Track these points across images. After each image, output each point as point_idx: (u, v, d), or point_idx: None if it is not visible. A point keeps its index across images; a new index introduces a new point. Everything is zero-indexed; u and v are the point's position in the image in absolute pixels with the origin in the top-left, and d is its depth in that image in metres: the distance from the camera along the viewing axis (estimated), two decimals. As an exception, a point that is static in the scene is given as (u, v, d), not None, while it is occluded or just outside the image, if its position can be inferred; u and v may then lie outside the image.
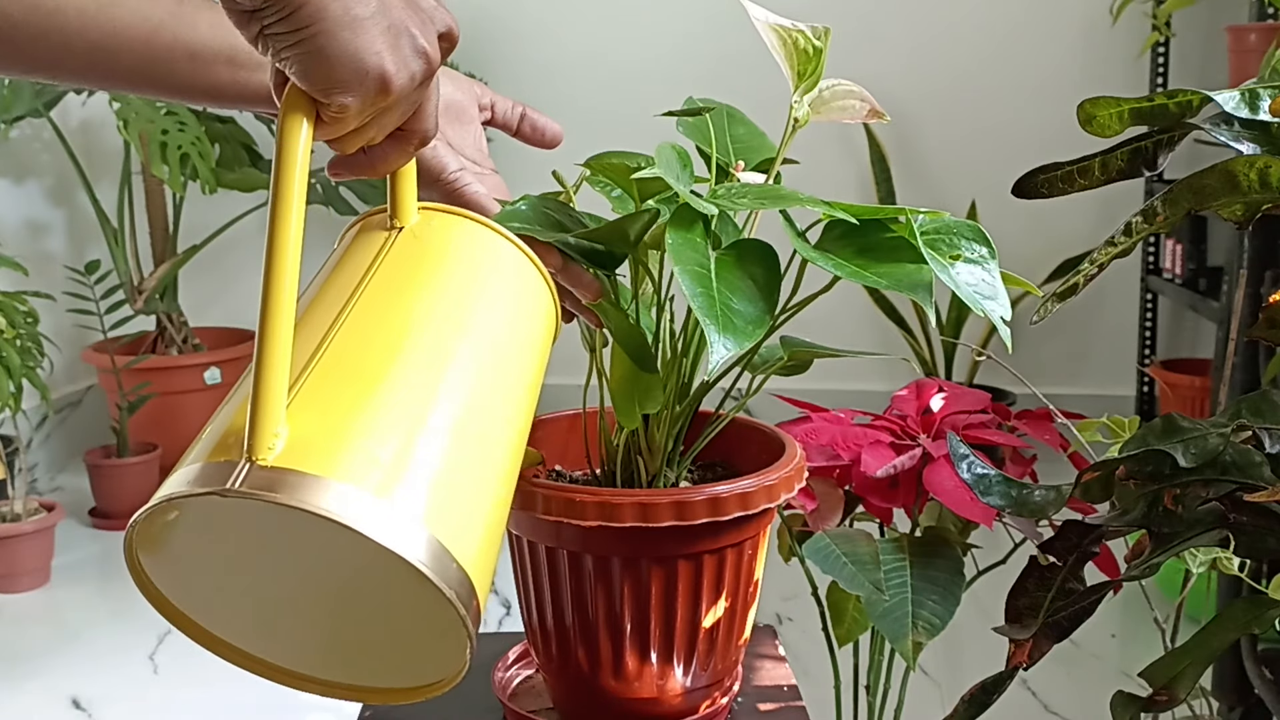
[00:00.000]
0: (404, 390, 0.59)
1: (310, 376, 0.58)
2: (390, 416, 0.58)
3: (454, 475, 0.59)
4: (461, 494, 0.59)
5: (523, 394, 0.67)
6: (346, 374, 0.59)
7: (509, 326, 0.68)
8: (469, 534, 0.58)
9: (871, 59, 3.00)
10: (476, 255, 0.69)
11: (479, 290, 0.68)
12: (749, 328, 0.67)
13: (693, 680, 0.81)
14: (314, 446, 0.55)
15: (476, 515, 0.60)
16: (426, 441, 0.58)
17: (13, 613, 2.40)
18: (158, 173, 2.64)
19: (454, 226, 0.70)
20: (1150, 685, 0.78)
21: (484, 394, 0.63)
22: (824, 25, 0.76)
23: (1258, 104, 0.73)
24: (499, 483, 0.63)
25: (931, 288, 0.69)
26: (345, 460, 0.55)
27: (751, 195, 0.74)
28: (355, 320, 0.62)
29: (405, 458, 0.57)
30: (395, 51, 0.58)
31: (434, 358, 0.62)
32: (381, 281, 0.65)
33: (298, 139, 0.59)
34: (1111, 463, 0.75)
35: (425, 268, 0.67)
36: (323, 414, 0.56)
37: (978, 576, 1.10)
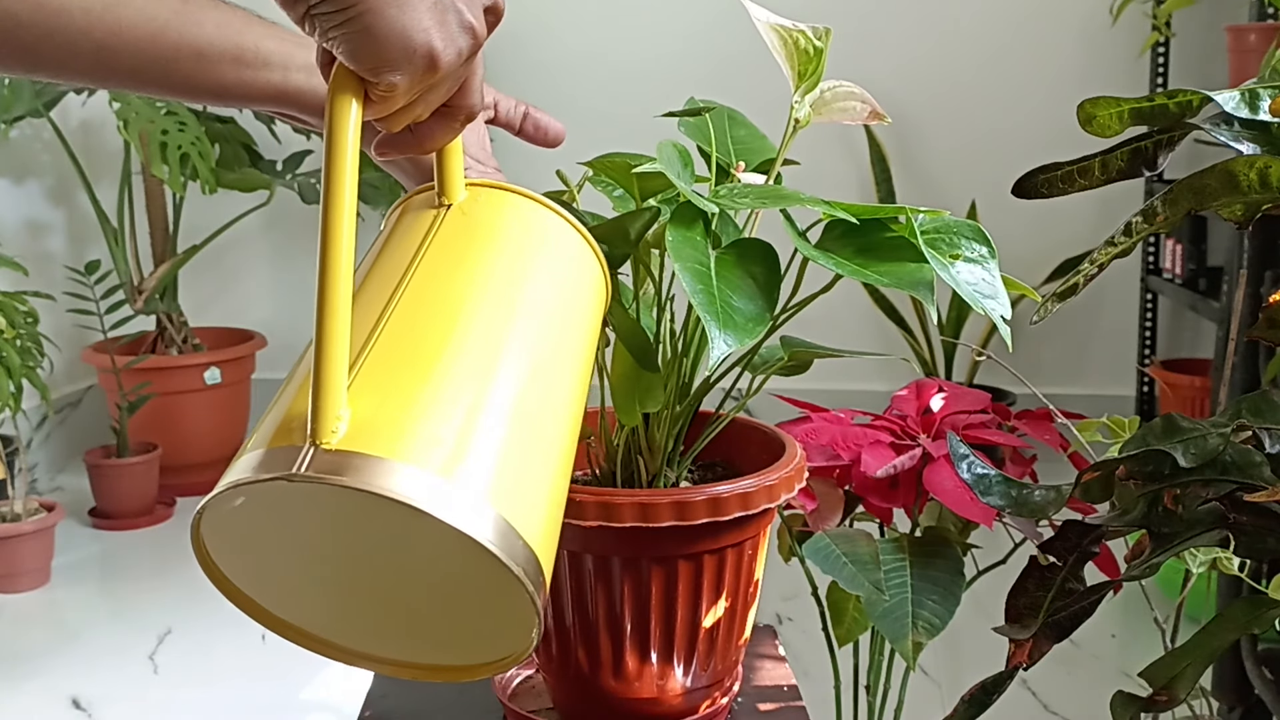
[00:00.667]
0: (462, 368, 0.59)
1: (368, 358, 0.58)
2: (450, 395, 0.58)
3: (516, 452, 0.58)
4: (525, 471, 0.59)
5: (578, 367, 0.67)
6: (404, 354, 0.59)
7: (562, 300, 0.68)
8: (534, 511, 0.58)
9: (872, 59, 3.00)
10: (527, 230, 0.69)
11: (531, 265, 0.67)
12: (749, 325, 0.67)
13: (693, 680, 0.81)
14: (377, 428, 0.55)
15: (540, 492, 0.59)
16: (488, 419, 0.58)
17: (13, 613, 2.40)
18: (158, 173, 2.64)
19: (503, 202, 0.69)
20: (1150, 685, 0.78)
21: (541, 369, 0.63)
22: (825, 26, 0.76)
23: (1258, 104, 0.73)
24: (560, 459, 0.63)
25: (933, 286, 0.69)
26: (409, 441, 0.55)
27: (753, 195, 0.74)
28: (409, 300, 0.62)
29: (468, 436, 0.57)
30: (442, 27, 0.58)
31: (490, 335, 0.62)
32: (433, 260, 0.65)
33: (348, 119, 0.58)
34: (1111, 463, 0.75)
35: (476, 245, 0.67)
36: (383, 395, 0.56)
37: (978, 576, 1.10)
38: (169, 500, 2.86)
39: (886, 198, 3.05)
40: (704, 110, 0.83)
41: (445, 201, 0.69)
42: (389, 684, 0.94)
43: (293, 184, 2.97)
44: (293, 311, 3.35)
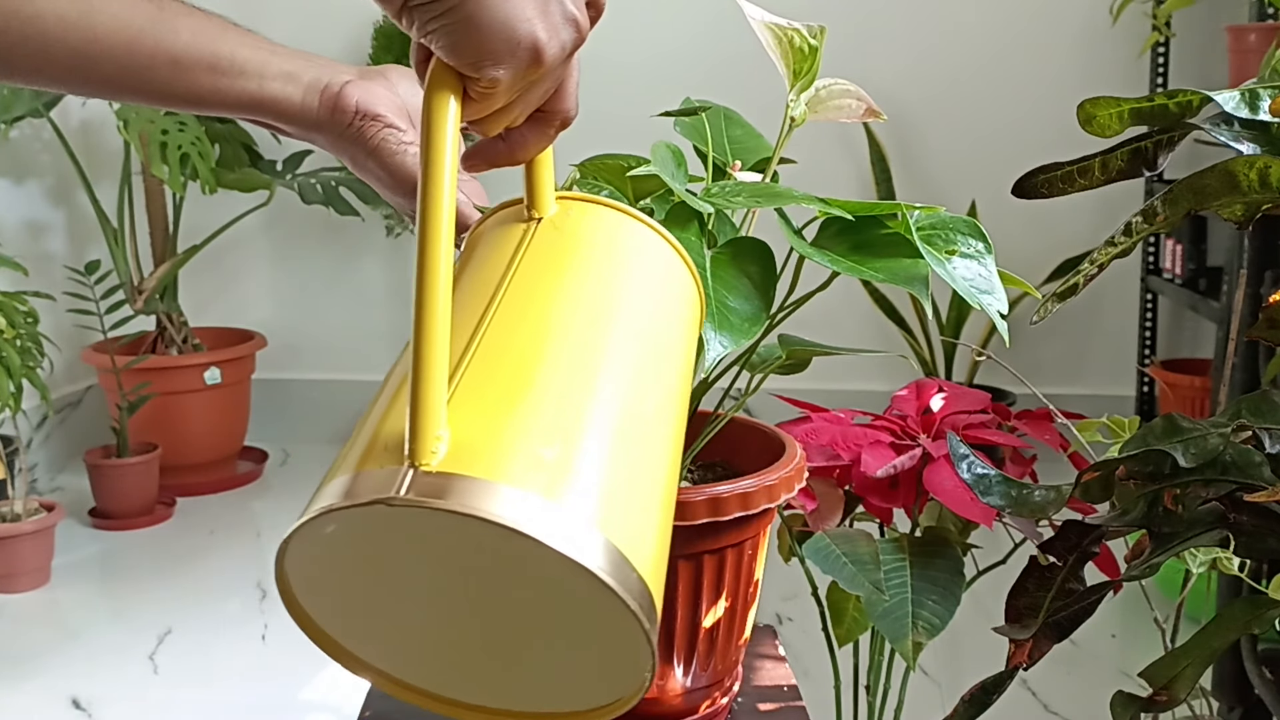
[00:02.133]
0: (562, 386, 0.56)
1: (464, 376, 0.55)
2: (551, 415, 0.54)
3: (622, 476, 0.55)
4: (632, 495, 0.55)
5: (678, 383, 0.64)
6: (501, 372, 0.56)
7: (658, 314, 0.65)
8: (643, 539, 0.54)
9: (871, 59, 3.00)
10: (619, 243, 0.66)
11: (626, 279, 0.65)
12: (745, 325, 0.67)
13: (693, 680, 0.81)
14: (478, 449, 0.51)
15: (648, 517, 0.56)
16: (591, 439, 0.55)
17: (13, 613, 2.40)
18: (158, 173, 2.64)
19: (594, 216, 0.67)
20: (1150, 685, 0.78)
21: (641, 387, 0.60)
22: (820, 25, 0.76)
23: (1258, 104, 0.73)
24: (665, 481, 0.59)
25: (928, 281, 0.69)
26: (512, 462, 0.51)
27: (747, 193, 0.74)
28: (503, 316, 0.59)
29: (571, 458, 0.53)
30: (546, 19, 0.56)
31: (589, 351, 0.59)
32: (526, 275, 0.62)
33: (446, 118, 0.56)
34: (1111, 463, 0.75)
35: (570, 259, 0.64)
36: (482, 415, 0.53)
37: (978, 576, 1.10)
38: (169, 500, 2.86)
39: (886, 197, 3.05)
40: (700, 110, 0.83)
41: (535, 215, 0.67)
42: (389, 684, 0.94)
43: (293, 184, 2.98)
44: (293, 311, 3.35)
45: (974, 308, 0.71)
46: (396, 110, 0.78)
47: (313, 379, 3.33)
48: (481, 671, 0.60)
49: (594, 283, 0.63)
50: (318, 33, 3.12)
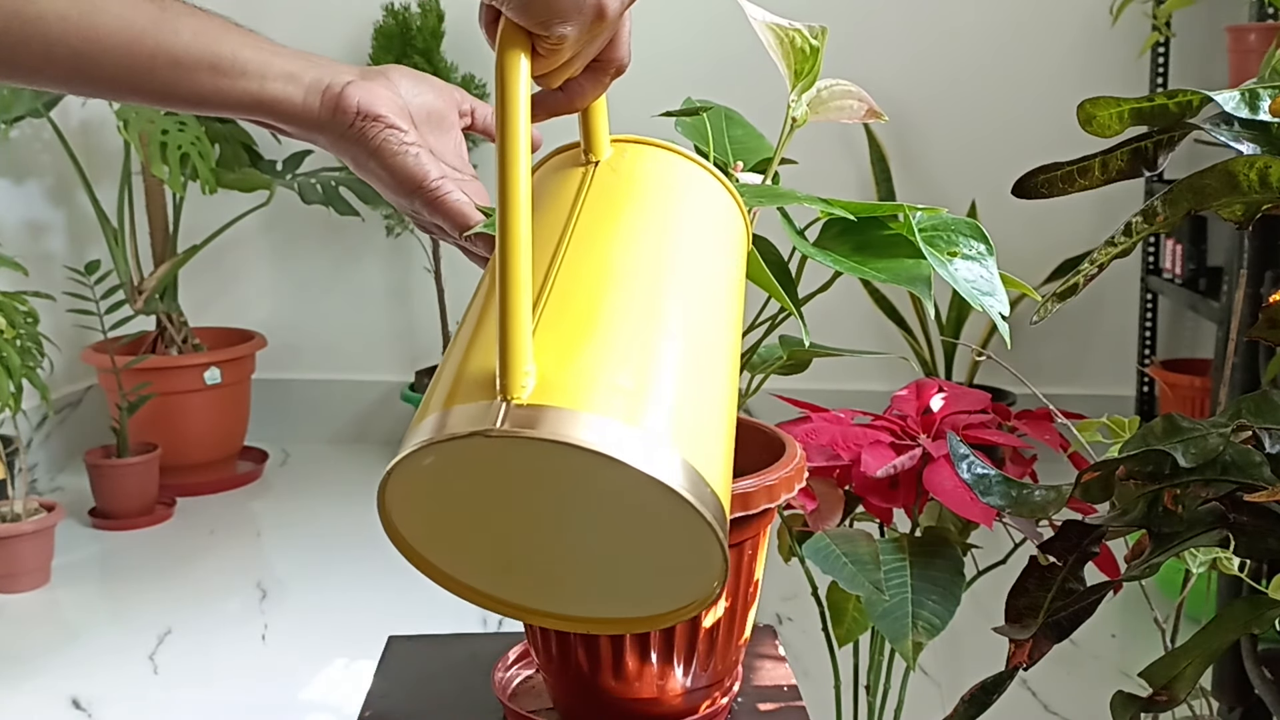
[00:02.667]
0: (632, 319, 0.61)
1: (543, 314, 0.59)
2: (624, 346, 0.59)
3: (692, 399, 0.60)
4: (702, 416, 0.60)
5: (734, 311, 0.68)
6: (576, 308, 0.60)
7: (713, 248, 0.69)
8: (714, 456, 0.59)
9: (871, 59, 3.00)
10: (674, 182, 0.70)
11: (682, 216, 0.69)
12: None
13: (693, 680, 0.81)
14: (562, 381, 0.56)
15: (718, 437, 0.61)
16: (662, 367, 0.60)
17: (13, 613, 2.40)
18: (158, 173, 2.64)
19: (648, 157, 0.71)
20: (1150, 685, 0.78)
21: (703, 315, 0.64)
22: (822, 25, 0.76)
23: (1258, 104, 0.73)
24: (728, 404, 0.64)
25: (930, 281, 0.69)
26: (594, 392, 0.56)
27: (750, 194, 0.74)
28: (573, 256, 0.63)
29: (645, 385, 0.58)
30: None
31: (653, 286, 0.63)
32: (589, 216, 0.66)
33: (517, 74, 0.59)
34: (1111, 463, 0.75)
35: (629, 200, 0.68)
36: (561, 349, 0.58)
37: (978, 576, 1.10)
38: (169, 500, 2.86)
39: (886, 197, 3.05)
40: (701, 110, 0.83)
41: (593, 158, 0.71)
42: (389, 684, 0.94)
43: (293, 184, 2.98)
44: (293, 311, 3.35)
45: (974, 308, 0.70)
46: (397, 111, 0.79)
47: (313, 379, 3.33)
48: (566, 583, 0.66)
49: (653, 220, 0.67)
50: (318, 33, 3.12)
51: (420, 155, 0.79)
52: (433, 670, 0.96)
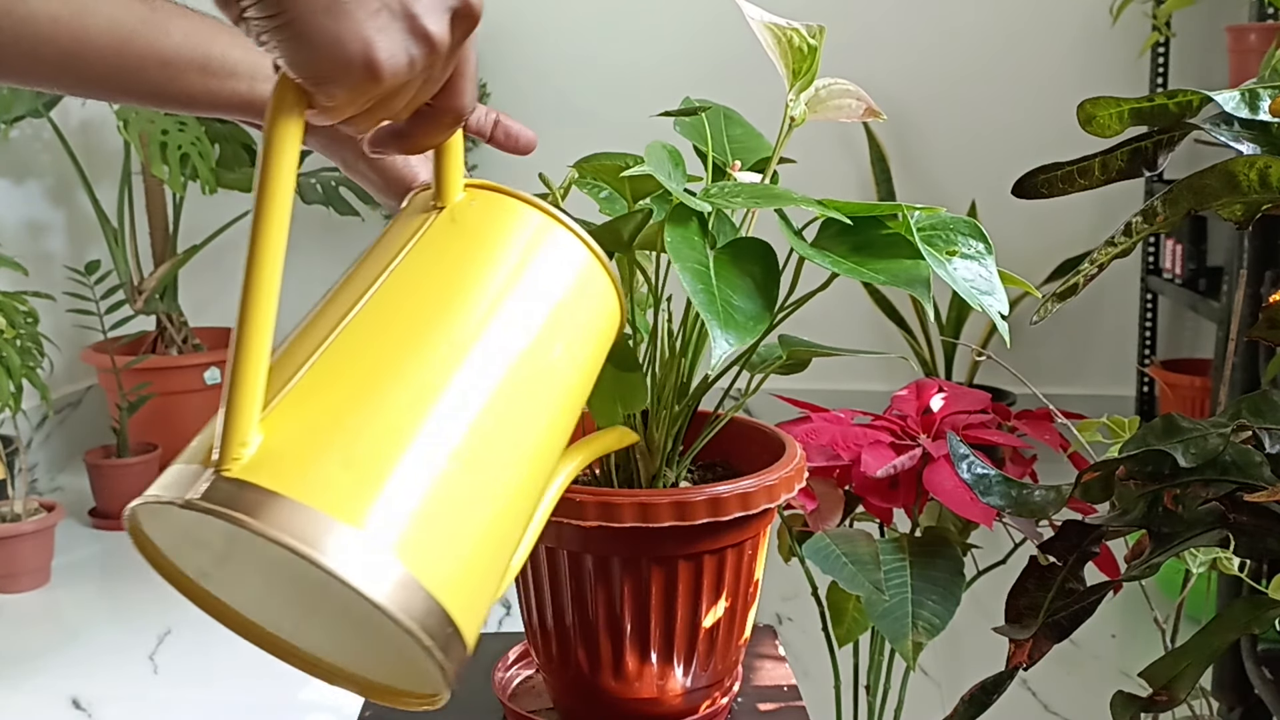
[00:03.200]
0: (396, 399, 0.54)
1: (303, 379, 0.54)
2: (374, 429, 0.53)
3: (445, 502, 0.53)
4: (454, 525, 0.53)
5: (557, 401, 0.61)
6: (341, 376, 0.54)
7: (549, 326, 0.61)
8: (455, 561, 0.53)
9: (871, 59, 3.00)
10: (519, 242, 0.62)
11: (517, 282, 0.60)
12: (750, 324, 0.67)
13: (693, 680, 0.81)
14: (282, 459, 0.51)
15: (471, 541, 0.54)
16: (410, 460, 0.52)
17: (13, 613, 2.40)
18: (158, 173, 2.64)
19: (498, 208, 0.62)
20: (1150, 685, 0.78)
21: (505, 401, 0.57)
22: (820, 24, 0.76)
23: (1258, 104, 0.73)
24: (510, 511, 0.57)
25: (929, 282, 0.69)
26: (308, 477, 0.50)
27: (745, 194, 0.74)
28: (366, 315, 0.57)
29: (380, 478, 0.51)
30: (385, 35, 0.52)
31: (440, 363, 0.56)
32: (407, 269, 0.59)
33: (285, 130, 0.53)
34: (1111, 463, 0.75)
35: (456, 256, 0.60)
36: (300, 425, 0.52)
37: (978, 576, 1.10)
38: (169, 500, 2.86)
39: (886, 197, 3.05)
40: (699, 110, 0.83)
41: (438, 204, 0.63)
42: (389, 684, 0.94)
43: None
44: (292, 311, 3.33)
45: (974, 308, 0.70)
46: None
47: (313, 379, 3.33)
48: (318, 642, 0.62)
49: (475, 283, 0.59)
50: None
51: (410, 160, 0.79)
52: (433, 670, 0.96)
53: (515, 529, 0.59)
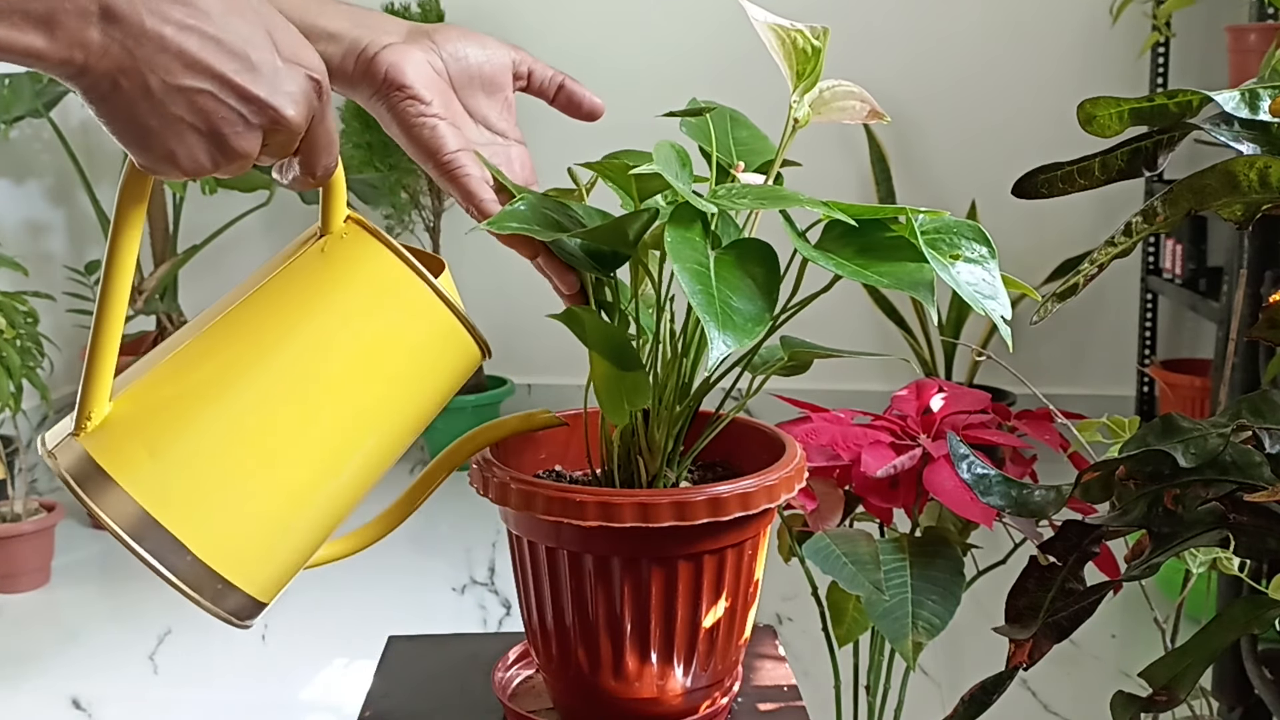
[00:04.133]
0: (205, 399, 0.66)
1: (152, 371, 0.67)
2: (181, 422, 0.65)
3: (219, 477, 0.65)
4: (225, 495, 0.65)
5: (370, 417, 0.69)
6: (175, 375, 0.67)
7: (366, 353, 0.69)
8: (219, 529, 0.65)
9: (871, 59, 3.00)
10: (370, 285, 0.70)
11: (352, 323, 0.69)
12: (749, 325, 0.67)
13: (693, 680, 0.81)
14: (110, 436, 0.65)
15: (241, 514, 0.66)
16: (202, 450, 0.65)
17: (13, 613, 2.40)
18: (158, 173, 2.64)
19: (361, 251, 0.70)
20: (1150, 685, 0.78)
21: (302, 412, 0.67)
22: (823, 25, 0.76)
23: (1258, 104, 0.73)
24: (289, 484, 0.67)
25: (933, 286, 0.69)
26: (121, 455, 0.64)
27: (751, 195, 0.74)
28: (218, 325, 0.69)
29: (174, 463, 0.64)
30: (184, 148, 0.59)
31: (255, 369, 0.67)
32: (265, 290, 0.69)
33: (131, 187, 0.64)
34: (1111, 463, 0.75)
35: (311, 286, 0.69)
36: (133, 409, 0.66)
37: (978, 576, 1.10)
38: (169, 500, 2.86)
39: (886, 197, 3.05)
40: (706, 111, 0.83)
41: (319, 232, 0.71)
42: (389, 684, 0.94)
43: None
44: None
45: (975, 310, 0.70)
46: (426, 79, 0.80)
47: (313, 379, 3.33)
48: None
49: (306, 312, 0.68)
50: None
51: (438, 128, 0.80)
52: (433, 670, 0.96)
53: (302, 509, 0.68)
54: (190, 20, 0.56)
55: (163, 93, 0.56)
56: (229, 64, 0.58)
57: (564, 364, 3.35)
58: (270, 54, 0.59)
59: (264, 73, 0.59)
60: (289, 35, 0.61)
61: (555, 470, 0.88)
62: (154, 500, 0.64)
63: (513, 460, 0.84)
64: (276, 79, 0.60)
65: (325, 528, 0.71)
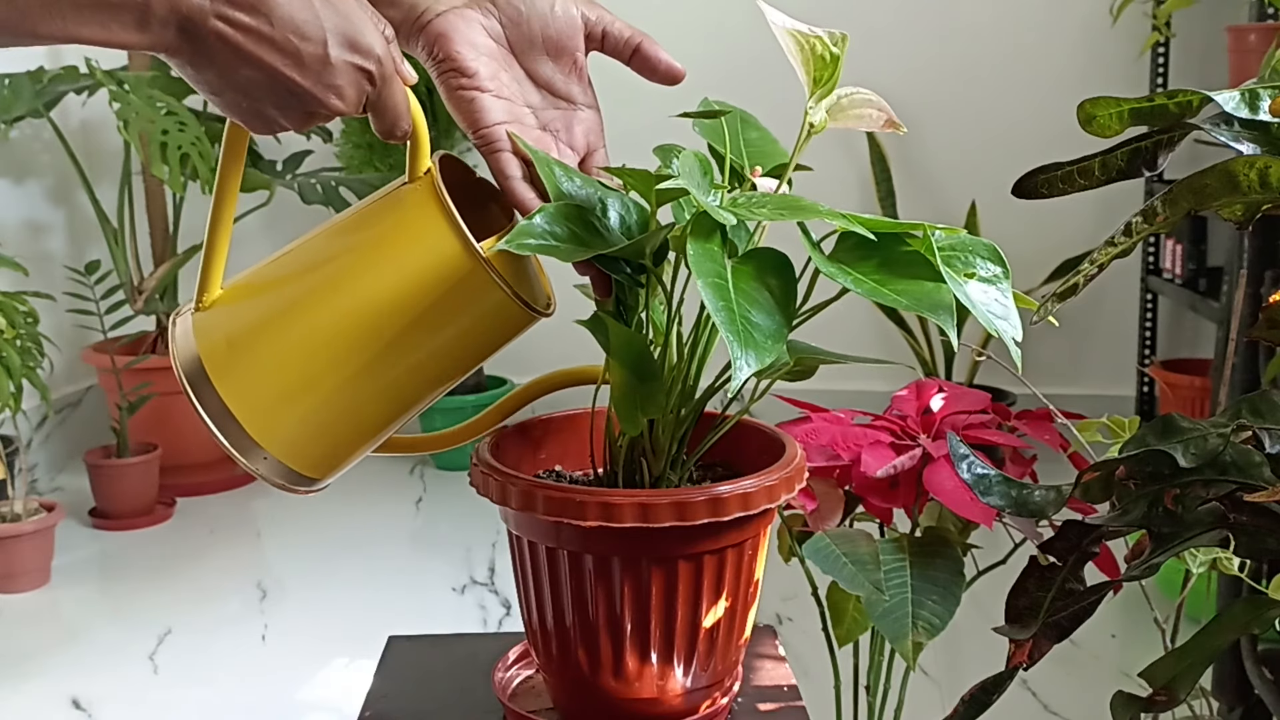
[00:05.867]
0: (275, 309, 0.78)
1: (253, 272, 0.81)
2: (253, 322, 0.78)
3: (276, 371, 0.77)
4: (278, 384, 0.77)
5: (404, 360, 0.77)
6: (261, 281, 0.80)
7: (416, 307, 0.76)
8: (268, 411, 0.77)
9: (872, 59, 3.00)
10: (421, 242, 0.76)
11: (403, 271, 0.75)
12: (768, 343, 0.66)
13: (693, 680, 0.81)
14: (209, 323, 0.79)
15: (289, 400, 0.77)
16: (266, 345, 0.77)
17: (13, 613, 2.40)
18: (158, 173, 2.64)
19: (423, 210, 0.76)
20: (1150, 685, 0.78)
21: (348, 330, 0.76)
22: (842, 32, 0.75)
23: (1258, 104, 0.73)
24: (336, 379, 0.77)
25: (953, 309, 0.69)
26: (212, 341, 0.78)
27: (770, 205, 0.73)
28: (303, 245, 0.80)
29: (243, 354, 0.77)
30: (242, 116, 0.73)
31: (315, 289, 0.77)
32: (344, 225, 0.80)
33: (235, 138, 0.79)
34: (1111, 463, 0.75)
35: (379, 228, 0.78)
36: (227, 303, 0.79)
37: (978, 576, 1.10)
38: (169, 500, 2.86)
39: (886, 197, 3.05)
40: (719, 114, 0.83)
41: (406, 180, 0.78)
42: (389, 684, 0.94)
43: (293, 184, 2.97)
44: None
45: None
46: (475, 48, 0.80)
47: (313, 379, 3.32)
48: None
49: (366, 250, 0.78)
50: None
51: (477, 100, 0.79)
52: (433, 670, 0.96)
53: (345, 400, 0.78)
54: (251, 22, 0.67)
55: (223, 78, 0.69)
56: (279, 59, 0.68)
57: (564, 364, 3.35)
58: (321, 49, 0.69)
59: (311, 67, 0.69)
60: (350, 28, 0.70)
61: (555, 470, 0.89)
62: (222, 380, 0.76)
63: (513, 460, 0.84)
64: (324, 73, 0.70)
65: (364, 431, 0.80)
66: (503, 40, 0.81)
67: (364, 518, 2.81)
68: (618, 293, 0.80)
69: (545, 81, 0.83)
